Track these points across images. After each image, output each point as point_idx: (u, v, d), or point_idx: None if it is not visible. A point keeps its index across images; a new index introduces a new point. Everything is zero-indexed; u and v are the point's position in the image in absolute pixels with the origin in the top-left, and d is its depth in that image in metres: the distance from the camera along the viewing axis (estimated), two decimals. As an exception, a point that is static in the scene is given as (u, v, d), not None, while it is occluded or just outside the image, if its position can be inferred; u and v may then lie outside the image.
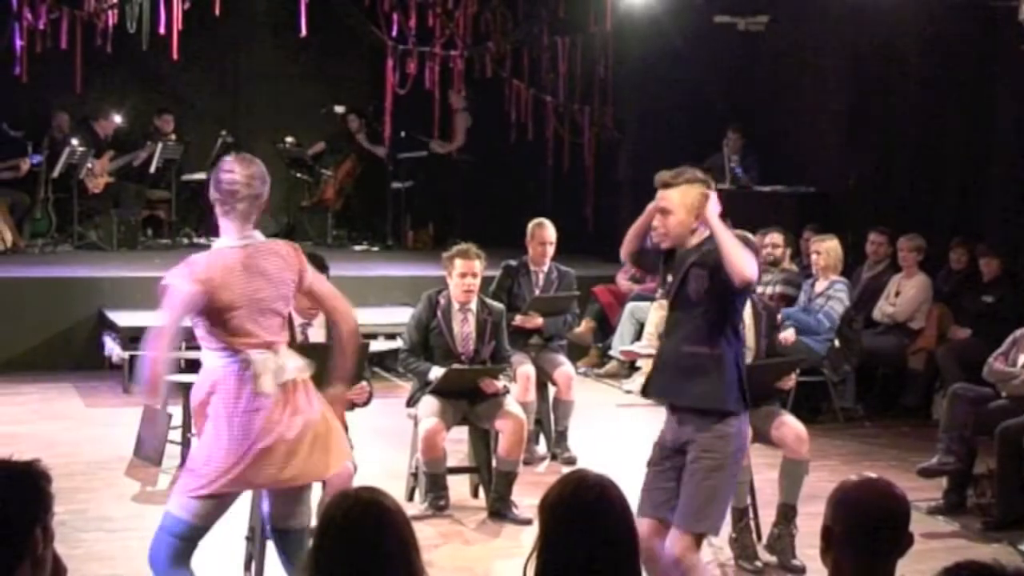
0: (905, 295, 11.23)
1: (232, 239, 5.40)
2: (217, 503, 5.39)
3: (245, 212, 5.39)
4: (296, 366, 5.42)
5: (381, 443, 9.14)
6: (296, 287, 5.49)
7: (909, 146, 12.65)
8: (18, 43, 13.44)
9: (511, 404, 8.06)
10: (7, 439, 9.20)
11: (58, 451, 8.91)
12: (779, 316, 8.96)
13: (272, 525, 5.69)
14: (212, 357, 5.40)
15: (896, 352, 11.20)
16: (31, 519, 3.07)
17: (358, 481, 6.26)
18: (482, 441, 8.28)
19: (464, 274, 8.11)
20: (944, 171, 12.23)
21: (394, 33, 14.48)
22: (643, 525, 5.23)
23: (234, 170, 5.41)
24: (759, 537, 7.37)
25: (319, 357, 6.66)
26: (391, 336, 11.46)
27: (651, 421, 10.95)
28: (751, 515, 7.35)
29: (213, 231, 6.22)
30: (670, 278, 5.68)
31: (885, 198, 12.67)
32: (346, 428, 6.91)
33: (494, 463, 8.08)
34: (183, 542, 5.39)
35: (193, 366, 7.28)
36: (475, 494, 8.37)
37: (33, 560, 3.07)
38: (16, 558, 3.04)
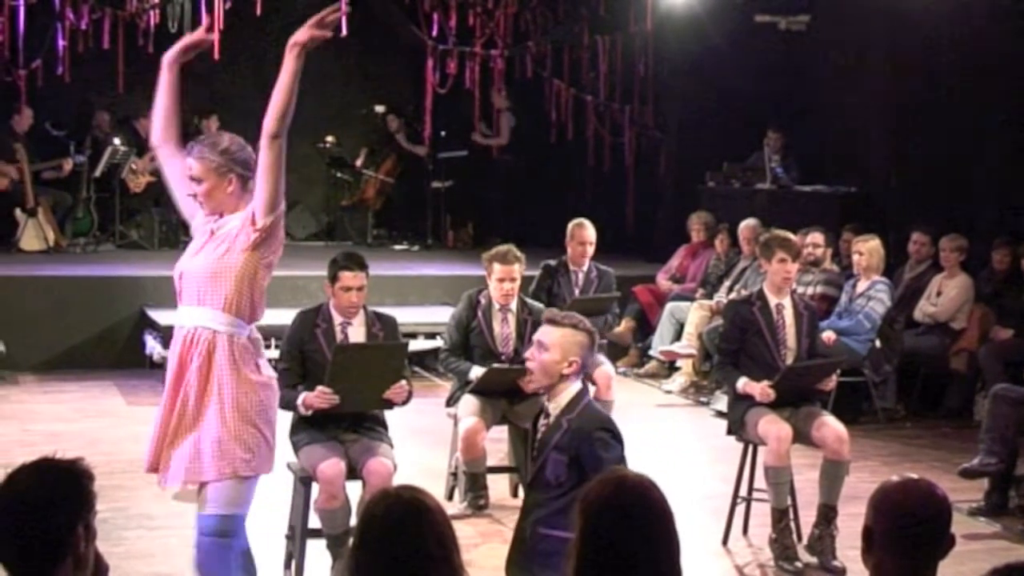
0: (947, 295, 11.16)
1: None
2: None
3: None
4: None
5: (421, 442, 9.15)
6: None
7: (951, 146, 12.57)
8: (60, 43, 13.53)
9: (551, 403, 8.04)
10: (50, 437, 9.28)
11: (100, 449, 8.95)
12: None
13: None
14: None
15: (938, 352, 11.13)
16: (74, 517, 3.10)
17: (398, 480, 6.26)
18: (522, 440, 8.25)
19: (503, 279, 8.09)
20: (986, 171, 12.16)
21: (434, 33, 14.52)
22: None
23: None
24: (799, 538, 7.34)
25: (359, 356, 6.69)
26: (431, 335, 11.48)
27: (691, 421, 10.99)
28: (791, 516, 7.32)
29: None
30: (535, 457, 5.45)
31: (927, 198, 12.60)
32: (386, 427, 6.93)
33: (533, 463, 8.07)
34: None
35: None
36: (515, 493, 8.35)
37: (75, 558, 3.09)
38: (59, 556, 3.06)
